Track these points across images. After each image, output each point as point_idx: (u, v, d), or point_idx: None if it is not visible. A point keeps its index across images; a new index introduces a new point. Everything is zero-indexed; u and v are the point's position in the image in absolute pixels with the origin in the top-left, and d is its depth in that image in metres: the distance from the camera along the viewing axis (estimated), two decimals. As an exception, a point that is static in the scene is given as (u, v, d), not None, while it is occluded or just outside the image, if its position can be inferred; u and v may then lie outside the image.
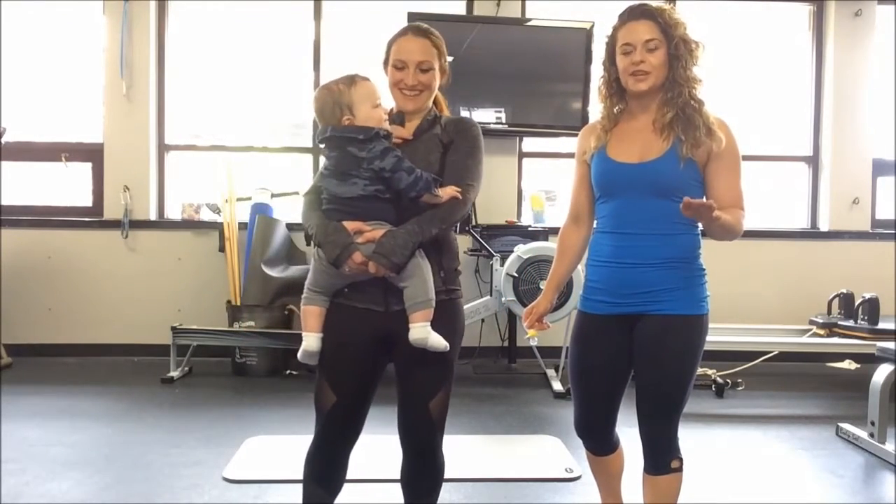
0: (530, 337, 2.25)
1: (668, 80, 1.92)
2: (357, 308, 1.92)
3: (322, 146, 1.92)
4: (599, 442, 2.16)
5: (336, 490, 2.06)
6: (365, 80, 1.89)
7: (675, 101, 1.91)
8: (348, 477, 2.06)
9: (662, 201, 1.90)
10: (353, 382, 1.96)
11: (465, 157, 1.94)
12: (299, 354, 1.96)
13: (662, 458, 1.98)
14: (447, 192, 1.87)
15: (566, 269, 2.17)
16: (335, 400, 1.94)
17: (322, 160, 1.98)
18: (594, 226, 2.10)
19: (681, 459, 2.00)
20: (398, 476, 2.06)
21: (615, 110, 2.03)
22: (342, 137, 1.85)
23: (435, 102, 2.01)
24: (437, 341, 1.86)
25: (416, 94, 1.92)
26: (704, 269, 2.00)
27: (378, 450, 2.69)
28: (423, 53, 1.92)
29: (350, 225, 1.84)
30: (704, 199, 1.78)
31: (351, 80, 1.88)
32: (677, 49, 1.90)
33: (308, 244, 1.97)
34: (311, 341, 1.93)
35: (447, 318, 1.92)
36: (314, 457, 2.01)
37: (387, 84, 1.97)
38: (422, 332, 1.85)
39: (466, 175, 1.92)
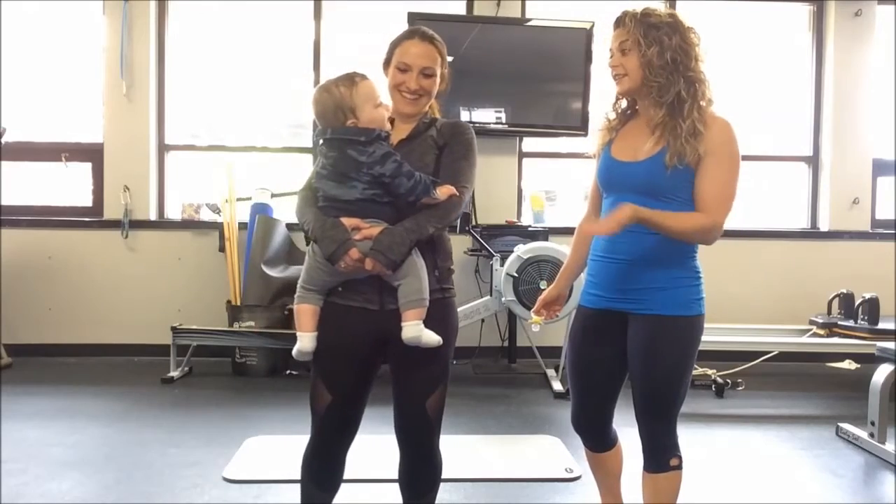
0: (533, 323, 2.26)
1: (664, 81, 1.90)
2: (352, 307, 1.91)
3: (321, 145, 1.89)
4: (596, 438, 2.17)
5: (334, 490, 2.06)
6: (364, 78, 1.87)
7: (665, 101, 1.91)
8: (347, 477, 2.07)
9: (652, 201, 1.89)
10: (348, 382, 1.95)
11: (459, 159, 1.94)
12: (294, 353, 1.95)
13: (661, 456, 1.98)
14: (445, 191, 1.86)
15: (579, 260, 2.19)
16: (331, 400, 1.94)
17: (316, 159, 1.95)
18: None
19: (680, 457, 2.00)
20: (396, 476, 2.06)
21: (622, 110, 2.07)
22: (342, 139, 1.82)
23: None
24: (430, 337, 1.85)
25: (415, 98, 1.93)
26: (699, 270, 1.99)
27: (376, 449, 2.69)
28: (427, 59, 1.92)
29: (348, 221, 1.83)
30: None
31: (351, 81, 1.85)
32: (661, 50, 1.89)
33: (307, 243, 1.94)
34: (305, 341, 1.92)
35: (441, 315, 1.92)
36: (311, 458, 2.01)
37: (386, 84, 1.97)
38: (414, 330, 1.84)
39: (461, 177, 1.92)
